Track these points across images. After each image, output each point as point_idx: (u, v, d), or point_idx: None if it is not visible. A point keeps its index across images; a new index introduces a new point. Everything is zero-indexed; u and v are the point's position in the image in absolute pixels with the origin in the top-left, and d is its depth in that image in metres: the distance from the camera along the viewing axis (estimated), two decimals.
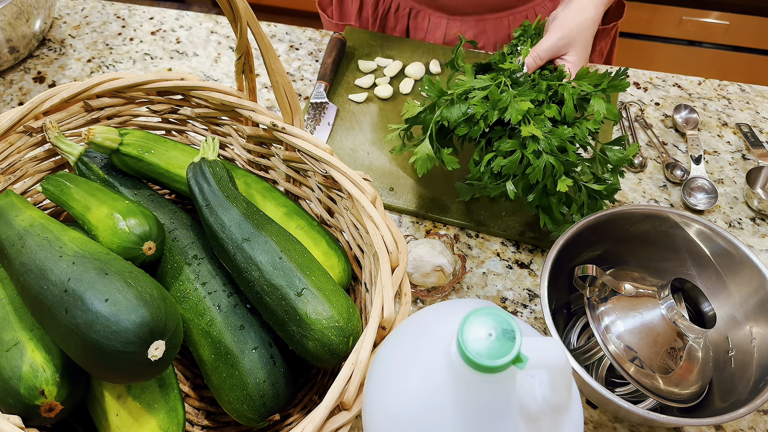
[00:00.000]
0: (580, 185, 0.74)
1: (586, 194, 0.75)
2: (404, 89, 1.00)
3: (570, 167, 0.72)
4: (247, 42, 0.63)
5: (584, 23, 0.79)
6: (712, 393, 0.66)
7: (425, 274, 0.75)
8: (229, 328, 0.58)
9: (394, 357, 0.46)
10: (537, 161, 0.71)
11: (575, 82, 0.76)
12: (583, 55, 0.80)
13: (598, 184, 0.75)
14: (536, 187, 0.73)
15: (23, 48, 1.04)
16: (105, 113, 0.72)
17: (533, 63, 0.78)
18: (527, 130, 0.71)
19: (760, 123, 0.97)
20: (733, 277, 0.68)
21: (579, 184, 0.74)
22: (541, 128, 0.72)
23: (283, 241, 0.59)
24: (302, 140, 0.64)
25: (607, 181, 0.75)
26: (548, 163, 0.71)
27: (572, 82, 0.76)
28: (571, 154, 0.71)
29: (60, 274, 0.52)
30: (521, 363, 0.35)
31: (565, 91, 0.74)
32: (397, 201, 0.87)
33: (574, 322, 0.74)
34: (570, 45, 0.79)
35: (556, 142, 0.71)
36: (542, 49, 0.78)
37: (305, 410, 0.64)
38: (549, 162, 0.71)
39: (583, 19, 0.79)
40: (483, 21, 1.07)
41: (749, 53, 2.00)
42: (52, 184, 0.67)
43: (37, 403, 0.52)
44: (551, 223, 0.76)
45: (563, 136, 0.71)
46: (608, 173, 0.77)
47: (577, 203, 0.75)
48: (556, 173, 0.71)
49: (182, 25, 1.13)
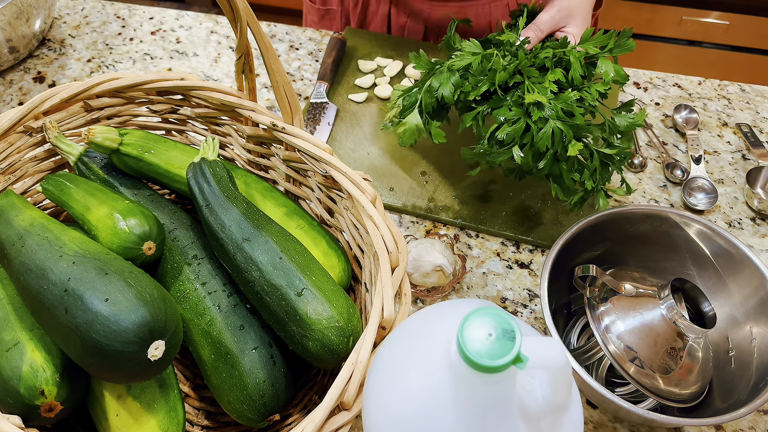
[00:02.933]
0: (592, 150, 0.72)
1: (598, 159, 0.73)
2: None
3: (579, 131, 0.70)
4: (247, 42, 0.63)
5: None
6: (712, 393, 0.66)
7: (425, 274, 0.75)
8: (229, 328, 0.58)
9: (394, 357, 0.46)
10: (546, 126, 0.68)
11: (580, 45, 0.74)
12: (583, 26, 0.80)
13: (610, 148, 0.73)
14: (546, 154, 0.70)
15: (23, 48, 1.04)
16: (105, 113, 0.72)
17: (534, 35, 0.78)
18: (531, 97, 0.68)
19: (760, 123, 0.97)
20: (733, 277, 0.68)
21: (590, 149, 0.72)
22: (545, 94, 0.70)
23: (283, 241, 0.59)
24: (302, 140, 0.64)
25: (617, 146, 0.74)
26: (556, 128, 0.68)
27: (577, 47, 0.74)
28: (578, 117, 0.69)
29: (60, 274, 0.52)
30: (521, 363, 0.35)
31: (571, 55, 0.72)
32: (397, 201, 0.87)
33: (574, 322, 0.74)
34: (570, 17, 0.79)
35: (562, 106, 0.69)
36: (542, 21, 0.78)
37: (305, 410, 0.64)
38: (557, 127, 0.68)
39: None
40: (465, 7, 1.07)
41: (749, 53, 2.00)
42: (52, 184, 0.67)
43: (37, 403, 0.52)
44: (562, 192, 0.74)
45: (568, 99, 0.69)
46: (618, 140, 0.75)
47: (589, 169, 0.73)
48: (565, 138, 0.69)
49: (182, 25, 1.13)
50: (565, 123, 0.68)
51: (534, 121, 0.68)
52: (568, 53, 0.72)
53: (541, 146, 0.69)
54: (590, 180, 0.73)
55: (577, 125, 0.69)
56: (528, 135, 0.70)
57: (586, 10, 0.80)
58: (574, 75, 0.71)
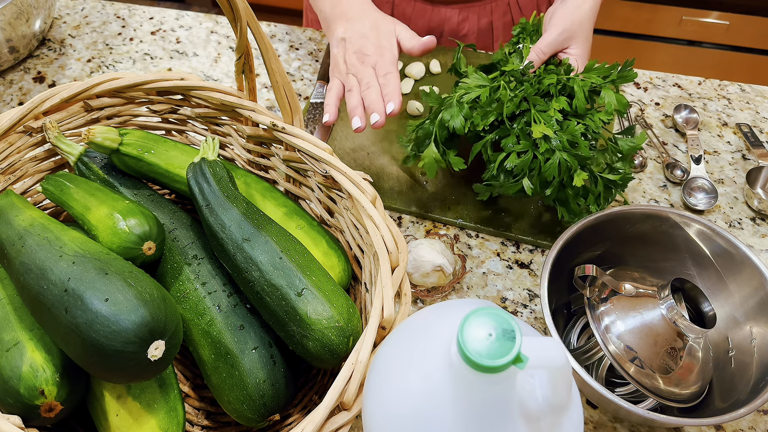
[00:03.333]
0: (596, 176, 0.76)
1: (602, 185, 0.76)
2: (404, 89, 1.00)
3: (584, 161, 0.73)
4: (247, 42, 0.63)
5: (583, 16, 0.80)
6: (712, 393, 0.66)
7: (425, 274, 0.75)
8: (229, 328, 0.58)
9: (394, 357, 0.46)
10: (552, 158, 0.72)
11: (583, 75, 0.77)
12: (585, 46, 0.81)
13: (612, 173, 0.76)
14: (552, 182, 0.74)
15: (23, 48, 1.04)
16: (105, 113, 0.72)
17: (537, 58, 0.79)
18: (538, 129, 0.72)
19: (760, 123, 0.97)
20: (733, 277, 0.68)
21: (595, 176, 0.76)
22: (550, 124, 0.73)
23: (283, 241, 0.59)
24: (302, 140, 0.64)
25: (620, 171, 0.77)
26: (562, 159, 0.72)
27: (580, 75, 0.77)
28: (583, 148, 0.72)
29: (60, 274, 0.52)
30: (521, 363, 0.35)
31: (575, 84, 0.75)
32: (397, 201, 0.87)
33: (574, 322, 0.74)
34: (571, 38, 0.79)
35: (567, 137, 0.72)
36: (544, 44, 0.79)
37: (305, 410, 0.64)
38: (563, 158, 0.72)
39: (582, 12, 0.80)
40: (467, 8, 1.07)
41: (749, 53, 2.00)
42: (52, 184, 0.67)
43: (37, 403, 0.52)
44: (568, 214, 0.77)
45: (574, 131, 0.72)
46: (619, 162, 0.78)
47: (593, 194, 0.76)
48: (571, 168, 0.73)
49: (182, 25, 1.13)
50: (570, 154, 0.72)
51: (541, 152, 0.72)
52: (572, 82, 0.75)
53: (548, 176, 0.73)
54: (594, 204, 0.77)
55: (582, 156, 0.73)
56: (535, 162, 0.74)
57: (587, 30, 0.81)
58: (578, 104, 0.74)
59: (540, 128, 0.72)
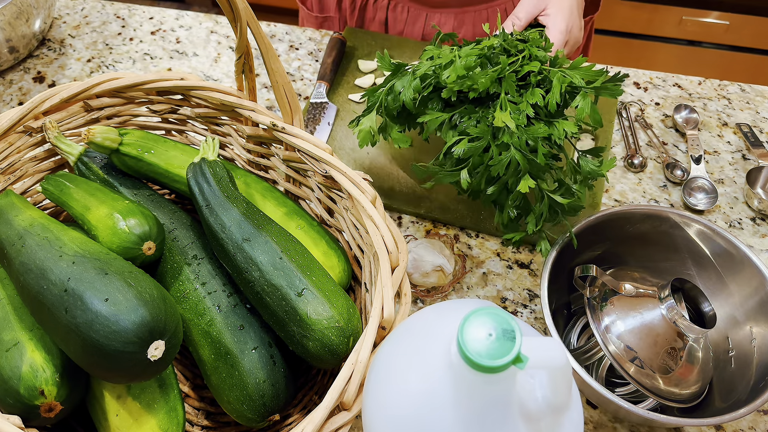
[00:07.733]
0: (543, 194, 0.68)
1: (547, 205, 0.68)
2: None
3: (536, 170, 0.66)
4: (247, 42, 0.63)
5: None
6: (712, 393, 0.66)
7: (425, 274, 0.75)
8: (229, 328, 0.58)
9: (394, 357, 0.46)
10: (505, 153, 0.64)
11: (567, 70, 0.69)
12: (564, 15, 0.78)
13: (563, 196, 0.68)
14: (498, 180, 0.67)
15: (23, 48, 1.04)
16: (105, 113, 0.72)
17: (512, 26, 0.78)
18: (500, 117, 0.64)
19: (760, 123, 0.97)
20: (733, 277, 0.68)
21: (543, 192, 0.68)
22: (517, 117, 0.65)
23: (283, 241, 0.59)
24: (302, 140, 0.64)
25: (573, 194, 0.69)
26: (514, 159, 0.65)
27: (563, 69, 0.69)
28: (539, 156, 0.66)
29: (60, 274, 0.52)
30: (521, 363, 0.35)
31: (555, 77, 0.67)
32: (397, 201, 0.87)
33: (574, 322, 0.74)
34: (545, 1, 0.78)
35: (529, 139, 0.65)
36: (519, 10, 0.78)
37: (305, 410, 0.64)
38: (515, 158, 0.65)
39: None
40: (462, 13, 1.07)
41: (749, 53, 2.00)
42: (51, 184, 0.67)
43: (37, 403, 0.52)
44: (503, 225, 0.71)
45: (537, 134, 0.65)
46: (576, 185, 0.70)
47: (535, 213, 0.69)
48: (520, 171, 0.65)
49: (182, 25, 1.13)
50: (524, 157, 0.65)
51: (497, 143, 0.65)
52: (552, 74, 0.68)
53: (494, 171, 0.66)
54: (533, 224, 0.69)
55: (537, 163, 0.66)
56: (485, 156, 0.66)
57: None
58: (551, 99, 0.66)
59: (504, 116, 0.64)
